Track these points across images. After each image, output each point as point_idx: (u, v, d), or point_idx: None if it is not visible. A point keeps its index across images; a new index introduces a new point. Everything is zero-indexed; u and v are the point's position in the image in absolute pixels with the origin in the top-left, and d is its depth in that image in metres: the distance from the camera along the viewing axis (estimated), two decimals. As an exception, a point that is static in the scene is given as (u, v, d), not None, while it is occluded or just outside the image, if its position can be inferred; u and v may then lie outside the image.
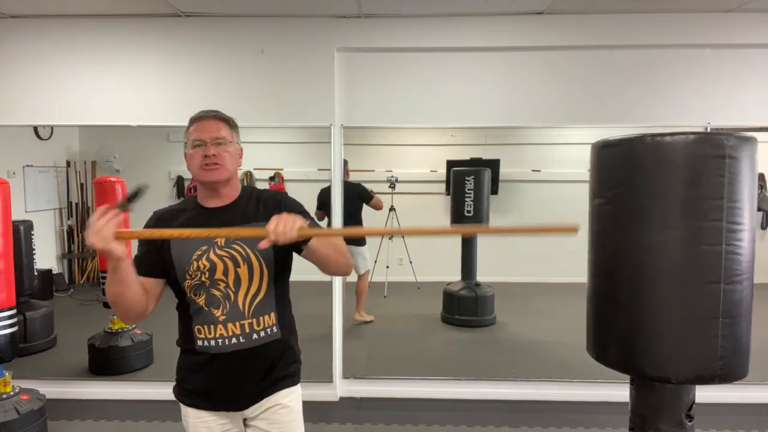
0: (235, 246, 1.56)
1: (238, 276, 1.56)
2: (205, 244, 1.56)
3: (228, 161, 1.58)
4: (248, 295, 1.58)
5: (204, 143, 1.56)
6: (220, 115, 1.64)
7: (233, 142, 1.62)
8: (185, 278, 1.57)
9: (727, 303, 1.52)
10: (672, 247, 1.53)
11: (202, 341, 1.58)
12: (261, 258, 1.57)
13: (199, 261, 1.55)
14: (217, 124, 1.60)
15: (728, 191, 1.49)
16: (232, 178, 1.63)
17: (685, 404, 1.68)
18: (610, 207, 1.67)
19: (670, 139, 1.52)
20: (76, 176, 7.15)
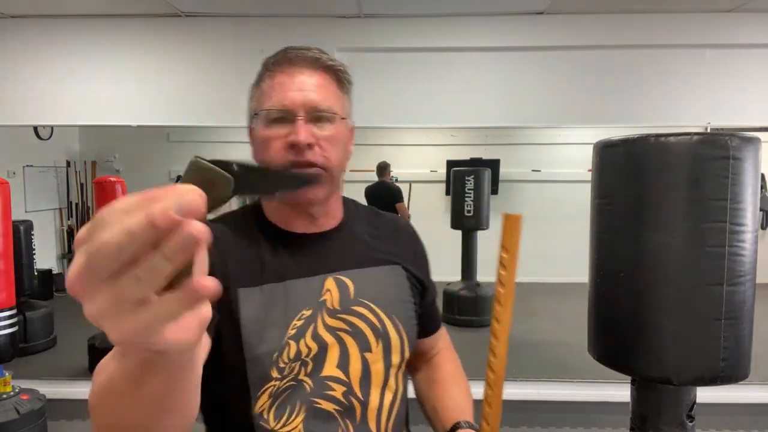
0: (359, 309, 0.86)
1: (367, 368, 0.85)
2: (308, 303, 0.84)
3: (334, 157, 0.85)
4: (384, 404, 0.87)
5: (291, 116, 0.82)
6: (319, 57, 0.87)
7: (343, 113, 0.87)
8: (269, 377, 0.80)
9: (729, 304, 1.52)
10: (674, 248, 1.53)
11: None
12: (404, 330, 0.90)
13: (300, 340, 0.81)
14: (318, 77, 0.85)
15: (731, 192, 1.49)
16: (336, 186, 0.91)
17: (686, 405, 1.68)
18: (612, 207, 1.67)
19: (673, 140, 1.52)
20: (76, 176, 7.16)
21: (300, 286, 0.83)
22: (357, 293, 0.86)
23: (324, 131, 0.83)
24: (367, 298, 0.87)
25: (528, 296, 6.61)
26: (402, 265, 0.93)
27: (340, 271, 0.87)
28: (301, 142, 0.79)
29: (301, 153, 0.80)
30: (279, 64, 0.87)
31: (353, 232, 0.94)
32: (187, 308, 0.34)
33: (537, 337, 4.96)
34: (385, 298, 0.88)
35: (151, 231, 0.31)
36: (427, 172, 7.57)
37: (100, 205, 4.01)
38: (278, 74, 0.85)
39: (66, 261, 7.08)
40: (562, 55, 3.64)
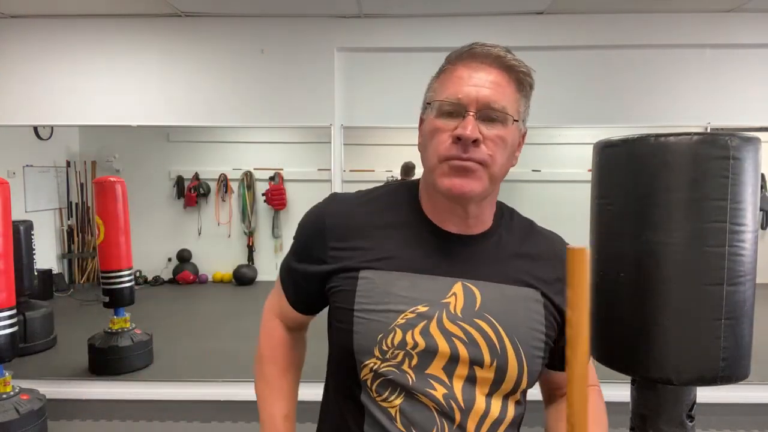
0: (481, 323, 0.83)
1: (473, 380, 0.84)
2: (428, 300, 0.83)
3: (499, 159, 0.84)
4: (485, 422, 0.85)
5: (463, 110, 0.81)
6: (505, 58, 0.86)
7: (517, 116, 0.88)
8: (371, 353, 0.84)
9: (729, 304, 1.52)
10: (674, 249, 1.53)
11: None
12: (524, 357, 0.85)
13: (408, 331, 0.82)
14: (498, 76, 0.84)
15: (731, 192, 1.49)
16: (493, 192, 0.91)
17: (687, 404, 1.68)
18: (612, 207, 1.66)
19: (673, 140, 1.51)
20: (76, 176, 7.16)
21: (426, 282, 0.84)
22: (483, 306, 0.84)
23: (493, 130, 0.82)
24: (493, 313, 0.83)
25: (528, 296, 6.61)
26: (542, 291, 0.87)
27: (474, 279, 0.85)
28: (468, 136, 0.79)
29: (465, 148, 0.80)
30: (462, 58, 0.86)
31: (500, 242, 0.91)
32: None
33: (537, 337, 4.96)
34: (512, 320, 0.84)
35: None
36: (427, 172, 7.57)
37: (100, 205, 4.01)
38: (459, 67, 0.84)
39: (66, 261, 7.08)
40: (562, 55, 3.64)
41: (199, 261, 7.45)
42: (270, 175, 7.45)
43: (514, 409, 0.90)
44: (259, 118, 3.69)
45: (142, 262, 7.05)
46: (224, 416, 3.39)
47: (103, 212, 3.99)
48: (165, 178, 7.51)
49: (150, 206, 7.34)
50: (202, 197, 7.46)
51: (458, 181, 0.81)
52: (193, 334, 5.03)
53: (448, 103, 0.82)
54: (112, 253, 3.99)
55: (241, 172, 7.48)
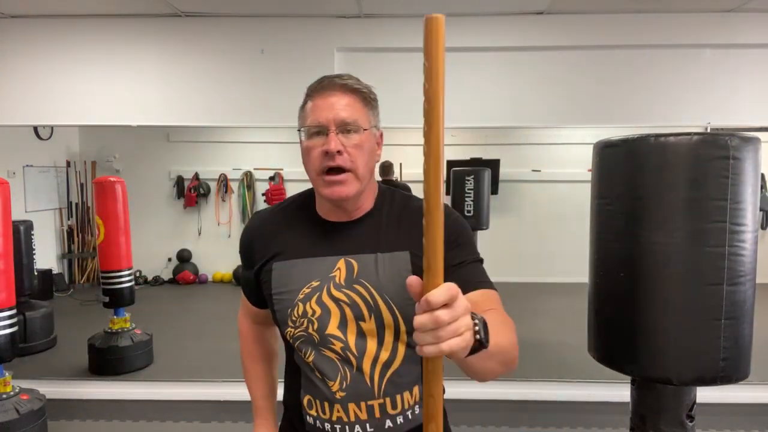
0: (358, 287, 1.06)
1: (362, 333, 1.06)
2: (318, 277, 1.08)
3: (361, 161, 1.05)
4: (377, 363, 1.07)
5: (325, 129, 1.03)
6: (349, 84, 1.07)
7: (369, 125, 1.08)
8: (287, 324, 1.10)
9: (729, 304, 1.52)
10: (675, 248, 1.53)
11: (314, 420, 1.11)
12: (396, 307, 1.06)
13: (307, 302, 1.07)
14: (346, 98, 1.06)
15: (732, 192, 1.49)
16: (367, 186, 1.11)
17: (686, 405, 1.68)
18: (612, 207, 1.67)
19: (673, 140, 1.52)
20: (76, 176, 7.16)
21: (317, 263, 1.09)
22: (359, 274, 1.07)
23: (351, 140, 1.04)
24: (366, 278, 1.07)
25: (528, 296, 6.61)
26: (410, 250, 1.07)
27: (353, 254, 1.08)
28: (332, 149, 1.02)
29: (332, 158, 1.02)
30: (317, 91, 1.08)
31: (376, 222, 1.13)
32: None
33: (537, 337, 4.96)
34: (382, 281, 1.06)
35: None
36: (427, 172, 7.57)
37: (100, 205, 4.01)
38: (317, 99, 1.07)
39: (66, 261, 7.08)
40: (562, 55, 3.64)
41: (199, 261, 7.45)
42: (270, 175, 7.44)
43: (404, 350, 1.09)
44: (259, 118, 3.69)
45: (142, 262, 7.05)
46: (224, 416, 3.39)
47: (103, 212, 3.99)
48: (165, 178, 7.51)
49: (150, 206, 7.34)
50: (202, 197, 7.46)
51: (335, 188, 1.04)
52: (193, 334, 5.03)
53: (314, 127, 1.05)
54: (112, 253, 3.99)
55: (241, 172, 7.48)
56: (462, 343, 0.71)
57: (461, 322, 0.71)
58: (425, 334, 0.69)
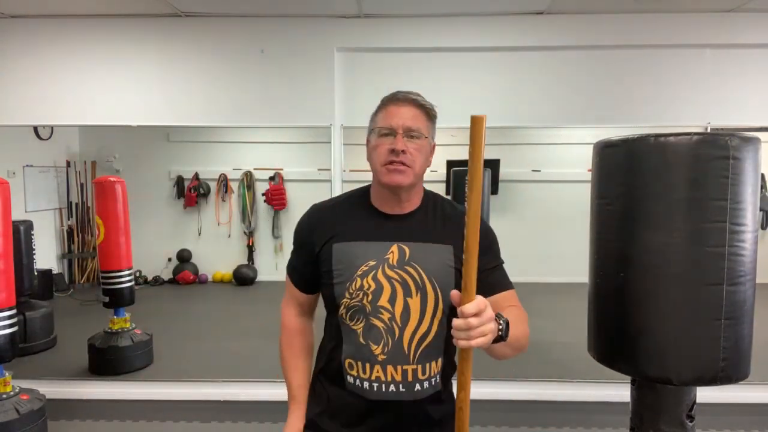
0: (410, 269, 1.27)
1: (407, 307, 1.26)
2: (375, 257, 1.28)
3: (418, 161, 1.28)
4: (416, 334, 1.27)
5: (393, 133, 1.27)
6: (419, 100, 1.32)
7: (428, 136, 1.31)
8: (344, 296, 1.28)
9: (729, 304, 1.52)
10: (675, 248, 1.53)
11: (354, 379, 1.30)
12: (439, 289, 1.27)
13: (364, 278, 1.27)
14: (414, 111, 1.29)
15: (732, 192, 1.49)
16: (418, 183, 1.34)
17: (686, 404, 1.68)
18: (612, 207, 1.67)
19: (673, 140, 1.52)
20: (76, 176, 7.15)
21: (373, 246, 1.30)
22: (411, 258, 1.28)
23: (413, 144, 1.27)
24: (417, 262, 1.28)
25: (528, 296, 6.58)
26: (452, 244, 1.29)
27: (405, 241, 1.29)
28: (398, 148, 1.25)
29: (397, 155, 1.25)
30: (391, 101, 1.33)
31: (425, 216, 1.35)
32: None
33: (537, 337, 4.93)
34: (430, 266, 1.28)
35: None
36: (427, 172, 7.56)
37: (100, 205, 4.01)
38: (390, 107, 1.31)
39: (66, 261, 7.08)
40: (562, 55, 3.64)
41: (199, 261, 7.45)
42: (270, 175, 7.44)
43: (437, 326, 1.29)
44: (259, 118, 3.69)
45: (142, 262, 7.04)
46: (224, 416, 3.39)
47: (103, 212, 3.99)
48: (165, 178, 7.51)
49: (150, 206, 7.34)
50: (202, 197, 7.45)
51: (395, 176, 1.26)
52: (193, 334, 5.03)
53: (386, 128, 1.28)
54: (112, 253, 3.99)
55: (241, 172, 7.48)
56: (486, 341, 1.06)
57: (487, 327, 1.05)
58: (460, 332, 1.05)
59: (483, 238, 1.15)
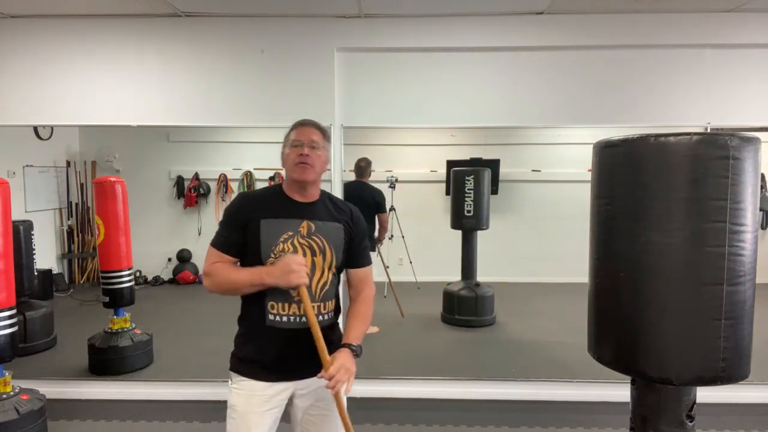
0: (315, 238, 1.80)
1: (314, 263, 1.78)
2: (291, 230, 1.79)
3: (317, 163, 1.81)
4: (320, 282, 1.80)
5: (301, 144, 1.79)
6: (317, 124, 1.89)
7: (324, 148, 1.85)
8: (269, 256, 1.75)
9: (729, 304, 1.52)
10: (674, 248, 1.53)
11: (273, 316, 1.77)
12: (333, 252, 1.82)
13: (285, 243, 1.76)
14: (314, 131, 1.84)
15: (731, 192, 1.49)
16: (317, 180, 1.86)
17: (686, 404, 1.68)
18: (612, 207, 1.67)
19: (673, 140, 1.52)
20: (76, 176, 7.15)
21: (289, 222, 1.80)
22: (316, 230, 1.81)
23: (314, 153, 1.81)
24: (321, 234, 1.81)
25: (528, 296, 6.62)
26: (343, 224, 1.87)
27: (312, 219, 1.82)
28: (306, 153, 1.79)
29: (304, 158, 1.78)
30: (300, 124, 1.88)
31: (323, 205, 1.89)
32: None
33: (537, 337, 4.96)
34: (328, 235, 1.82)
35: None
36: (427, 172, 7.57)
37: (100, 205, 4.01)
38: (299, 128, 1.86)
39: (66, 261, 7.08)
40: (562, 56, 3.64)
41: (199, 261, 7.45)
42: (270, 175, 7.45)
43: (332, 276, 1.85)
44: (259, 118, 3.69)
45: (142, 262, 7.05)
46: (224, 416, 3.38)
47: (103, 212, 3.99)
48: (165, 178, 7.51)
49: (150, 206, 7.34)
50: (202, 197, 7.46)
51: (302, 172, 1.79)
52: (193, 334, 5.03)
53: (296, 142, 1.82)
54: (112, 253, 3.99)
55: (241, 172, 7.48)
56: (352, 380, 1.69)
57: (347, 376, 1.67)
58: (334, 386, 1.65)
59: (358, 224, 1.92)
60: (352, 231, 1.89)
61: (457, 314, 5.33)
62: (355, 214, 1.93)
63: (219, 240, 1.81)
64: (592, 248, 1.79)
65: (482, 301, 5.31)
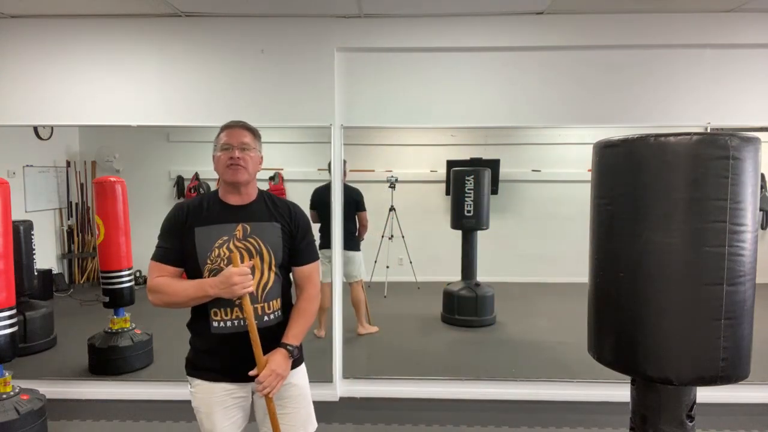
0: (251, 240, 1.81)
1: (253, 267, 1.79)
2: (226, 234, 1.80)
3: (250, 165, 1.82)
4: (260, 283, 1.81)
5: (231, 147, 1.80)
6: (246, 125, 1.90)
7: (256, 149, 1.87)
8: (206, 263, 1.77)
9: (729, 304, 1.52)
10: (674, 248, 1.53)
11: (217, 323, 1.79)
12: (271, 252, 1.82)
13: (220, 249, 1.78)
14: (244, 133, 1.85)
15: (731, 192, 1.49)
16: (252, 181, 1.87)
17: (686, 404, 1.68)
18: (612, 207, 1.66)
19: (673, 140, 1.51)
20: (76, 176, 7.15)
21: (224, 227, 1.81)
22: (252, 232, 1.82)
23: (245, 154, 1.83)
24: (256, 235, 1.82)
25: (528, 296, 6.62)
26: (281, 223, 1.87)
27: (246, 222, 1.83)
28: (236, 155, 1.81)
29: (235, 160, 1.80)
30: (228, 126, 1.88)
31: (260, 204, 1.89)
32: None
33: (537, 337, 4.96)
34: (264, 236, 1.82)
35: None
36: (427, 172, 7.57)
37: (100, 205, 4.01)
38: (226, 130, 1.87)
39: (66, 261, 7.07)
40: (562, 56, 3.64)
41: (199, 261, 7.44)
42: (270, 175, 7.44)
43: (273, 276, 1.84)
44: (259, 118, 3.67)
45: (142, 262, 7.03)
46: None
47: (103, 212, 3.99)
48: (165, 178, 7.51)
49: (150, 206, 7.34)
50: (202, 197, 7.44)
51: (234, 174, 1.80)
52: (193, 334, 5.02)
53: (226, 145, 1.82)
54: (112, 253, 3.99)
55: (241, 172, 7.47)
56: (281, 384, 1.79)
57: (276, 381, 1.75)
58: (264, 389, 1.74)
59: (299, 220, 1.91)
60: (292, 229, 1.89)
61: (457, 314, 5.33)
62: (294, 211, 1.92)
63: (159, 253, 1.82)
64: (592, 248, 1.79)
65: (482, 301, 5.31)
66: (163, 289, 1.77)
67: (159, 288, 1.77)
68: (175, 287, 1.76)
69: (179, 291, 1.75)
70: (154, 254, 1.83)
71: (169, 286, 1.76)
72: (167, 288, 1.76)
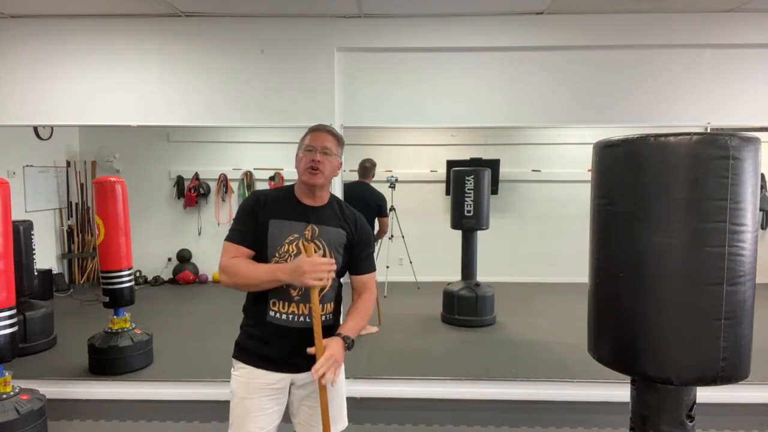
0: (317, 242, 1.87)
1: None
2: (297, 232, 1.85)
3: (327, 169, 1.87)
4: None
5: (314, 149, 1.85)
6: (332, 130, 1.93)
7: (336, 155, 1.92)
8: (274, 255, 1.83)
9: (729, 304, 1.52)
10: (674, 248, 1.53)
11: (274, 313, 1.85)
12: (335, 257, 1.86)
13: (290, 245, 1.83)
14: (328, 137, 1.89)
15: (731, 192, 1.49)
16: (326, 185, 1.92)
17: (686, 404, 1.68)
18: (612, 207, 1.66)
19: (673, 140, 1.51)
20: (76, 176, 7.16)
21: (296, 225, 1.87)
22: (319, 234, 1.88)
23: (326, 158, 1.86)
24: (323, 238, 1.88)
25: (528, 296, 6.62)
26: (346, 231, 1.93)
27: (317, 224, 1.88)
28: (317, 159, 1.84)
29: (315, 164, 1.84)
30: (314, 129, 1.92)
31: (331, 209, 1.94)
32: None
33: (537, 337, 4.96)
34: (329, 240, 1.88)
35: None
36: (427, 172, 7.57)
37: (100, 205, 4.01)
38: (313, 133, 1.91)
39: (66, 261, 7.08)
40: (562, 56, 3.64)
41: (199, 261, 7.46)
42: (270, 175, 7.44)
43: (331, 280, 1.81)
44: (259, 118, 3.69)
45: (142, 262, 7.05)
46: (224, 416, 3.37)
47: (103, 212, 3.99)
48: (165, 178, 7.52)
49: (150, 206, 7.34)
50: (202, 197, 7.46)
51: (312, 177, 1.84)
52: (193, 334, 5.03)
53: (309, 147, 1.87)
54: (112, 253, 3.99)
55: (241, 172, 7.48)
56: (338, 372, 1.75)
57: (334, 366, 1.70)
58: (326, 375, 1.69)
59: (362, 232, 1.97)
60: (354, 238, 1.94)
61: (457, 314, 5.33)
62: (360, 222, 1.97)
63: (235, 234, 1.86)
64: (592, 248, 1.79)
65: (482, 301, 5.31)
66: (236, 269, 1.79)
67: (232, 268, 1.80)
68: (248, 268, 1.79)
69: (251, 272, 1.78)
70: (228, 235, 1.87)
71: (242, 267, 1.79)
72: (240, 269, 1.79)
